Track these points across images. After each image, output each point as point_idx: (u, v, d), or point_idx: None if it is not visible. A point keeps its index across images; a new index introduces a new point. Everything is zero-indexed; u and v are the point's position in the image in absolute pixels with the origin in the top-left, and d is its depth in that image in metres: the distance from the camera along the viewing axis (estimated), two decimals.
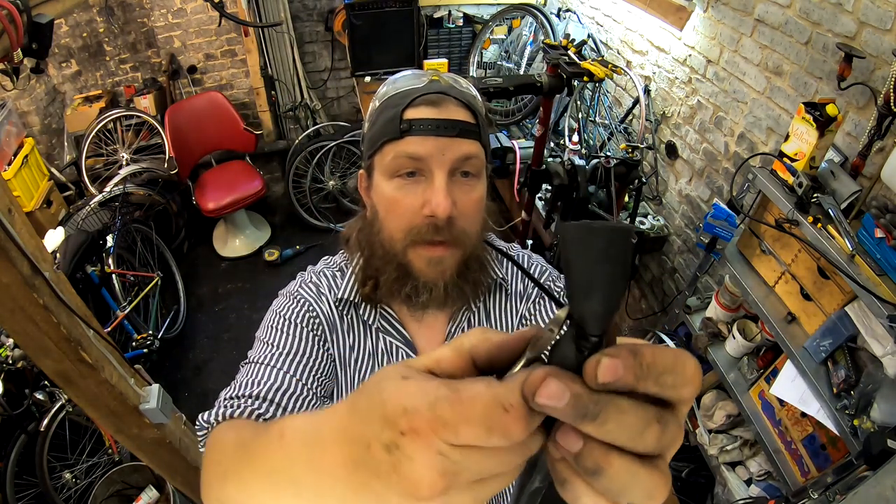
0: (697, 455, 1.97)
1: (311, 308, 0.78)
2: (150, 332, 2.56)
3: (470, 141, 0.67)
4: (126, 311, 2.50)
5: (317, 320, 0.77)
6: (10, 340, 1.90)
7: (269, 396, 0.65)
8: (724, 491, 1.75)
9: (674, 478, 2.02)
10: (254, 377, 0.69)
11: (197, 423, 0.66)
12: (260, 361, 0.71)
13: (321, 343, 0.76)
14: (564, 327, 0.27)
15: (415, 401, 0.25)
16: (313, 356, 0.74)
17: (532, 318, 0.82)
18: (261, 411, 0.63)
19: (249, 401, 0.65)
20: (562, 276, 0.85)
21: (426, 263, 0.68)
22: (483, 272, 0.76)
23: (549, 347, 0.27)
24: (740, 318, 1.78)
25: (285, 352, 0.72)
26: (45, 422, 1.91)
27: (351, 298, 0.78)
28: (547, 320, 0.80)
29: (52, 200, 2.90)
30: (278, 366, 0.70)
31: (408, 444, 0.24)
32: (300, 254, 3.50)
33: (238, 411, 0.63)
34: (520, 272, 0.84)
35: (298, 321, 0.76)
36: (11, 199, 0.76)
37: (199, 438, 0.66)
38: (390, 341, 0.79)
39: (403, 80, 0.71)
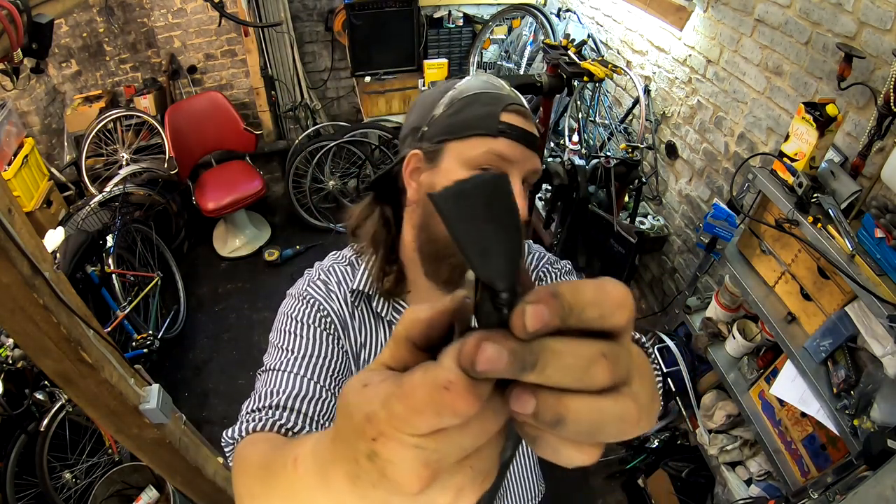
0: (697, 455, 1.97)
1: (321, 307, 0.77)
2: (150, 332, 2.56)
3: (537, 156, 0.73)
4: (126, 311, 2.50)
5: (328, 319, 0.77)
6: (10, 340, 1.90)
7: (290, 405, 0.65)
8: (724, 491, 1.75)
9: (674, 478, 2.03)
10: (272, 386, 0.68)
11: (223, 440, 0.66)
12: (277, 368, 0.71)
13: (335, 342, 0.76)
14: (479, 290, 0.25)
15: (372, 406, 0.25)
16: (330, 356, 0.74)
17: None
18: (282, 421, 0.63)
19: (270, 411, 0.65)
20: (557, 260, 0.89)
21: None
22: None
23: (472, 313, 0.26)
24: (740, 318, 1.78)
25: (301, 355, 0.72)
26: (45, 422, 1.91)
27: (365, 290, 0.79)
28: None
29: (52, 200, 2.90)
30: (296, 370, 0.70)
31: (381, 448, 0.24)
32: (300, 254, 3.50)
33: (260, 424, 0.63)
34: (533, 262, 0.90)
35: (310, 322, 0.75)
36: (11, 199, 0.76)
37: (228, 455, 0.65)
38: None
39: (484, 82, 0.74)
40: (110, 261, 2.56)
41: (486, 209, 0.23)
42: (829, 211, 1.32)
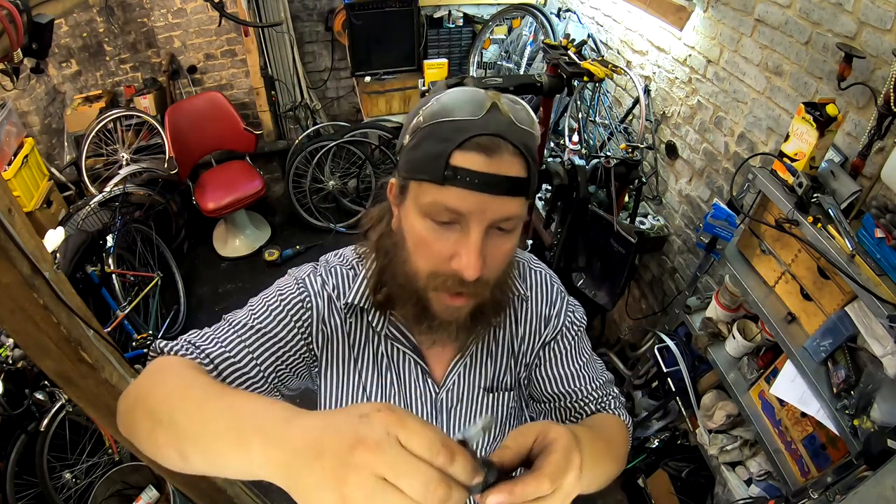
0: (697, 455, 1.97)
1: (307, 301, 0.77)
2: (150, 332, 2.56)
3: (516, 199, 0.60)
4: (126, 311, 2.50)
5: (307, 314, 0.76)
6: (10, 340, 1.90)
7: (219, 365, 0.68)
8: (724, 491, 1.75)
9: (674, 478, 2.03)
10: (220, 338, 0.71)
11: (154, 346, 0.71)
12: (234, 327, 0.73)
13: (302, 337, 0.76)
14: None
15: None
16: (285, 347, 0.74)
17: (539, 346, 0.84)
18: (206, 371, 0.66)
19: (203, 357, 0.68)
20: (576, 307, 0.87)
21: (444, 308, 0.67)
22: (501, 301, 0.74)
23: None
24: (740, 318, 1.78)
25: (260, 330, 0.73)
26: (45, 422, 1.91)
27: (360, 304, 0.77)
28: (560, 348, 0.84)
29: (52, 200, 2.90)
30: (246, 341, 0.71)
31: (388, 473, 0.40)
32: (300, 254, 3.50)
33: (190, 357, 0.67)
34: (545, 285, 0.85)
35: (289, 309, 0.75)
36: (11, 199, 0.76)
37: (150, 357, 0.70)
38: (398, 348, 0.78)
39: (458, 101, 0.60)
40: (110, 261, 2.56)
41: None
42: (829, 211, 1.31)
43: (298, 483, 0.40)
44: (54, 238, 2.30)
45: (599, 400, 0.82)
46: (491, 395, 0.83)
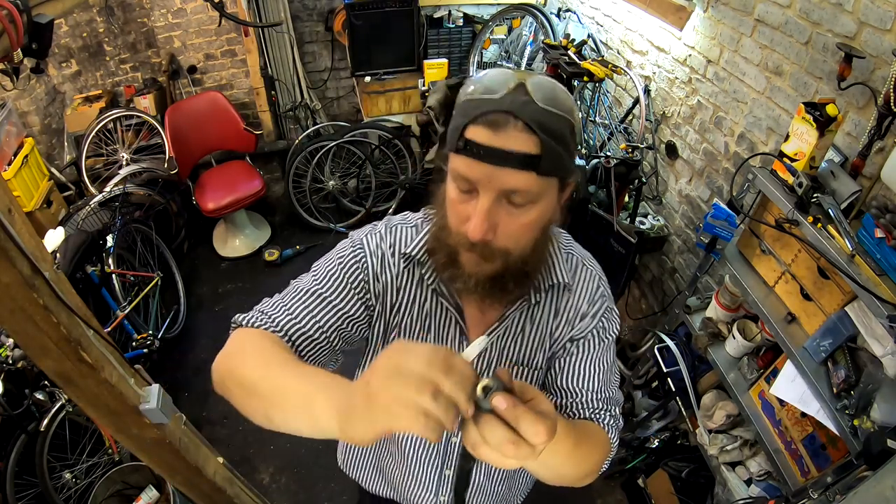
0: (697, 455, 1.97)
1: (363, 261, 0.85)
2: (150, 332, 2.56)
3: (523, 173, 0.64)
4: (126, 311, 2.49)
5: (362, 274, 0.84)
6: (10, 340, 1.90)
7: (289, 332, 0.78)
8: (724, 491, 1.75)
9: (674, 478, 2.03)
10: (288, 307, 0.81)
11: (235, 320, 0.81)
12: (300, 292, 0.82)
13: (360, 298, 0.84)
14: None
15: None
16: (344, 309, 0.82)
17: (568, 337, 0.88)
18: (279, 337, 0.77)
19: (274, 326, 0.78)
20: (612, 306, 0.92)
21: (466, 260, 0.74)
22: (526, 274, 0.78)
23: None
24: (740, 318, 1.78)
25: (321, 295, 0.82)
26: (45, 422, 1.91)
27: (417, 256, 0.84)
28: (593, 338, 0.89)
29: (52, 200, 2.90)
30: (310, 308, 0.80)
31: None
32: (300, 254, 3.50)
33: (265, 328, 0.78)
34: (592, 283, 0.89)
35: (346, 272, 0.84)
36: (11, 199, 0.76)
37: (233, 327, 0.81)
38: (444, 304, 0.85)
39: (486, 80, 0.66)
40: (110, 261, 2.56)
41: None
42: (829, 211, 1.31)
43: (350, 420, 0.53)
44: (54, 238, 2.30)
45: (596, 410, 0.83)
46: (517, 368, 0.89)
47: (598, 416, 0.83)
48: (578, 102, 2.82)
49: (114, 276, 2.54)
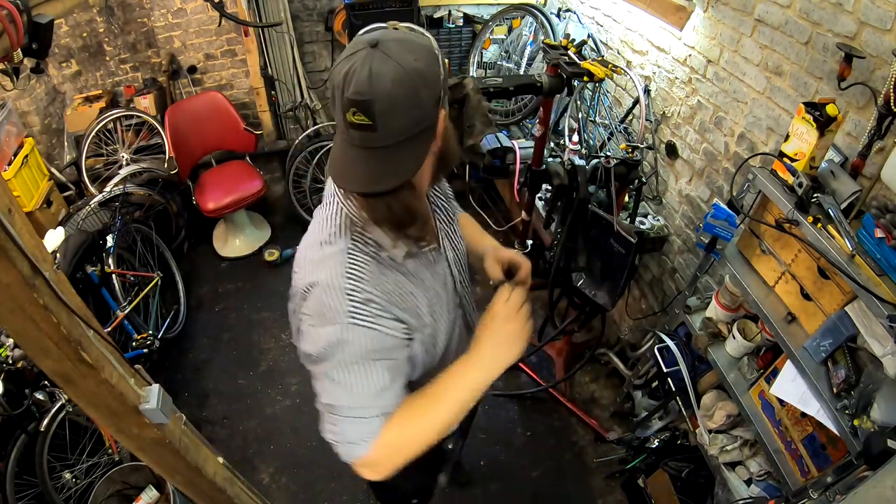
0: (697, 455, 1.97)
1: (378, 322, 0.88)
2: (150, 332, 2.56)
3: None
4: (126, 311, 2.50)
5: (384, 328, 0.89)
6: (10, 340, 1.90)
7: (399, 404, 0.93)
8: (724, 491, 1.75)
9: (674, 478, 2.02)
10: (385, 405, 0.91)
11: (354, 459, 0.91)
12: (379, 392, 0.90)
13: (400, 341, 0.94)
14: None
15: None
16: (404, 355, 0.96)
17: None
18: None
19: (390, 415, 0.91)
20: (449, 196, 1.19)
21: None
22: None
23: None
24: (740, 318, 1.78)
25: (393, 376, 0.92)
26: (45, 422, 1.91)
27: (394, 249, 0.94)
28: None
29: (52, 200, 2.90)
30: (393, 387, 0.92)
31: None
32: None
33: (390, 421, 0.91)
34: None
35: (384, 347, 0.90)
36: (11, 199, 0.76)
37: (360, 448, 0.90)
38: (424, 253, 1.01)
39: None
40: (110, 261, 2.56)
41: None
42: (829, 211, 1.31)
43: (499, 361, 0.94)
44: (54, 238, 2.31)
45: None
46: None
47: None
48: (578, 102, 2.82)
49: (114, 276, 2.54)
